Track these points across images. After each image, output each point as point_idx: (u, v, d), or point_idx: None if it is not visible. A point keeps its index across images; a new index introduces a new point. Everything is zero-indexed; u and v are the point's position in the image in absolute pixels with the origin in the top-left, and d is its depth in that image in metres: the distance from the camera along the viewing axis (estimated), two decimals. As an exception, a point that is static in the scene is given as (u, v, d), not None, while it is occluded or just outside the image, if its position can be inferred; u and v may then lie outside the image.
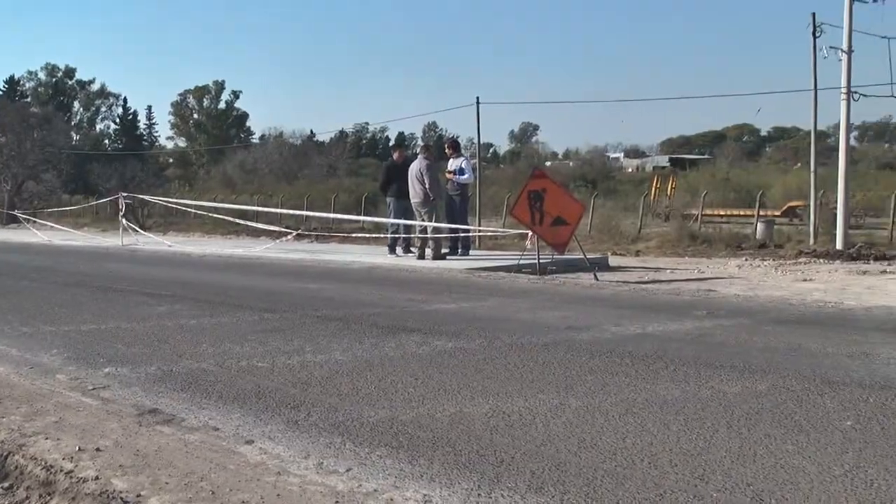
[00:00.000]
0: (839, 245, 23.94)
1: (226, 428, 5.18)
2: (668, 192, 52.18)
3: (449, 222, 18.28)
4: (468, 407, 5.59)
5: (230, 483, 4.21)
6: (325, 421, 5.30)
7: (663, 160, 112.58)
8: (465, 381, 6.35)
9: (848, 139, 26.57)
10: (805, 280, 15.46)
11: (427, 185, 17.56)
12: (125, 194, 28.75)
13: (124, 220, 27.04)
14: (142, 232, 28.74)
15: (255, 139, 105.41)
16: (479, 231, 23.24)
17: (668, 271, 16.92)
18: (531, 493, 4.00)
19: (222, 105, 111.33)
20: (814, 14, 25.98)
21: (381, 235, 22.92)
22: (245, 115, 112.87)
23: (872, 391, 6.07)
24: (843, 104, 24.82)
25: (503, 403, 5.66)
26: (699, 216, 34.03)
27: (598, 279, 14.39)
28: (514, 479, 4.19)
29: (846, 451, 4.66)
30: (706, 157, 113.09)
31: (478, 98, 36.78)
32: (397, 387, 6.20)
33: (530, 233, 15.73)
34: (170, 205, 34.79)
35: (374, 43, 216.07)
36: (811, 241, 25.87)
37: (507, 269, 15.79)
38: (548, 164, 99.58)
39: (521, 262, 15.98)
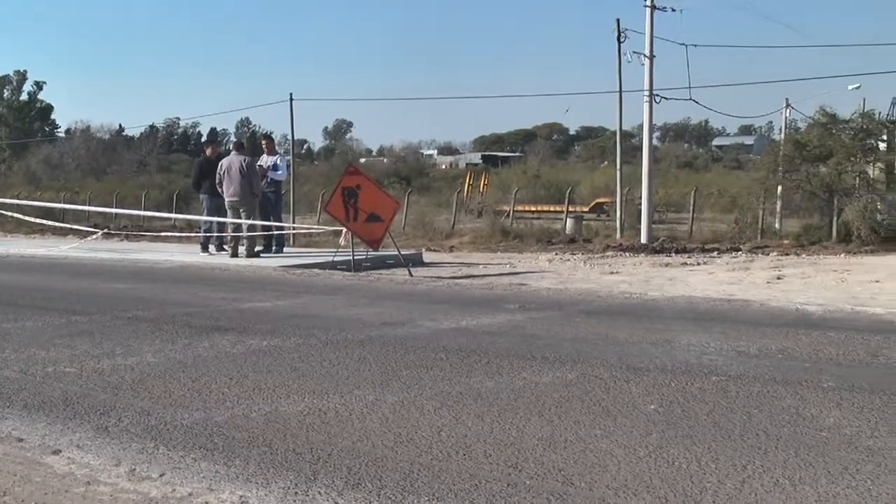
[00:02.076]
0: (644, 239, 24.94)
1: (31, 438, 4.96)
2: (481, 189, 53.07)
3: (263, 220, 18.08)
4: (284, 405, 5.55)
5: (36, 496, 4.04)
6: (136, 426, 5.15)
7: (476, 157, 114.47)
8: (281, 380, 6.30)
9: (651, 139, 27.77)
10: (612, 273, 16.01)
11: (252, 182, 17.29)
12: None
13: None
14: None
15: (61, 133, 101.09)
16: (294, 228, 23.08)
17: (482, 266, 17.21)
18: (348, 490, 4.01)
19: (24, 97, 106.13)
20: (618, 20, 26.96)
21: (194, 234, 22.45)
22: (49, 108, 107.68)
23: (674, 376, 6.36)
24: (646, 106, 25.91)
25: (319, 401, 5.65)
26: (511, 212, 34.76)
27: (412, 275, 14.52)
28: (331, 476, 4.18)
29: (650, 433, 4.87)
30: (518, 154, 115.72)
31: (291, 94, 36.63)
32: (211, 387, 6.09)
33: (345, 229, 15.70)
34: (-37, 203, 33.04)
35: (186, 37, 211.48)
36: (618, 235, 26.84)
37: (322, 266, 15.72)
38: (362, 160, 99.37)
39: (336, 258, 15.94)
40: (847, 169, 25.88)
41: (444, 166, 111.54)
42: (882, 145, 27.65)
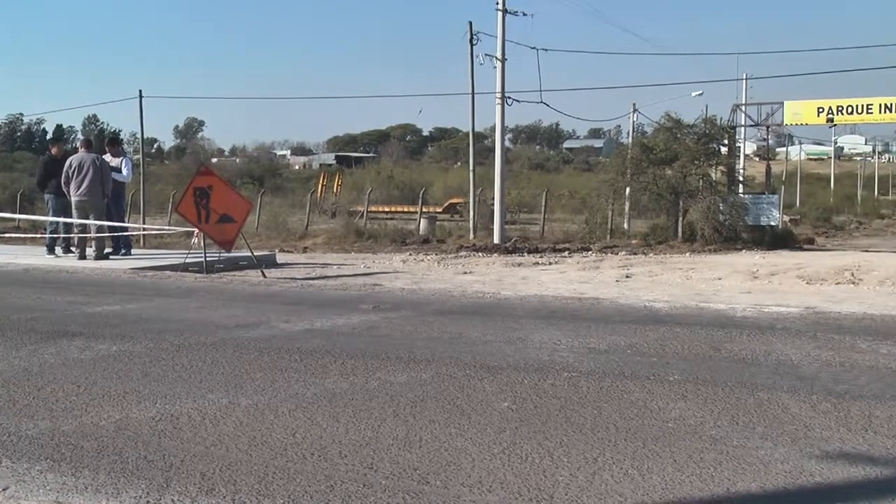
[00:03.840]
0: (497, 239, 25.29)
1: None
2: (335, 190, 52.90)
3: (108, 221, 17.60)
4: (135, 412, 5.43)
5: None
6: (-23, 436, 4.96)
7: (330, 158, 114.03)
8: (132, 386, 6.16)
9: (503, 141, 28.16)
10: (466, 273, 16.19)
11: (104, 182, 16.75)
12: None
13: None
14: None
15: None
16: (145, 229, 22.57)
17: (336, 267, 17.17)
18: (202, 496, 3.96)
19: None
20: (470, 23, 27.29)
21: (40, 235, 21.69)
22: None
23: (527, 373, 6.48)
24: (498, 108, 26.29)
25: (171, 406, 5.55)
26: (365, 213, 34.72)
27: (265, 276, 14.37)
28: (185, 483, 4.12)
29: (504, 431, 4.95)
30: (371, 155, 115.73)
31: (140, 91, 35.72)
32: (58, 395, 5.91)
33: (197, 230, 15.43)
34: None
35: (29, 32, 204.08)
36: (471, 235, 27.14)
37: (174, 267, 15.40)
38: (214, 160, 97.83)
39: (188, 260, 15.64)
40: (691, 171, 26.85)
41: (297, 167, 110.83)
42: (724, 149, 28.78)
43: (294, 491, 3.99)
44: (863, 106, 28.10)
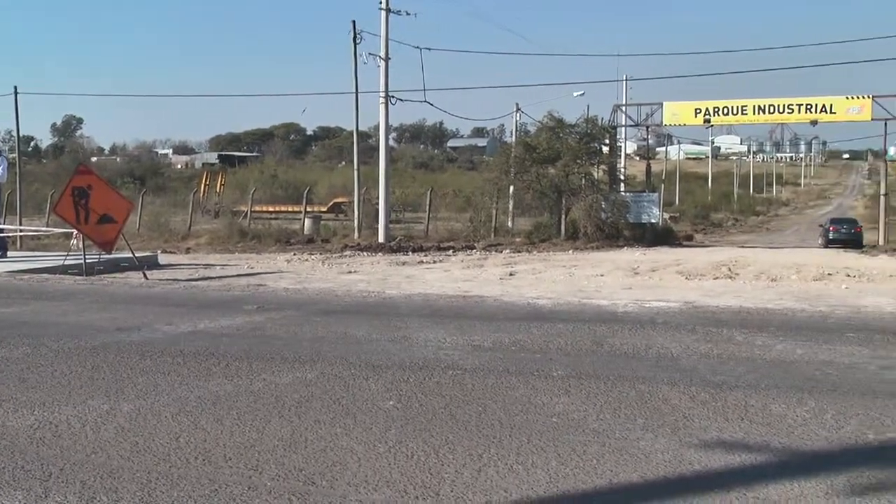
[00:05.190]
0: (381, 238, 25.30)
1: None
2: (218, 189, 52.18)
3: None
4: (11, 420, 5.27)
5: None
6: None
7: (213, 157, 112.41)
8: (8, 394, 5.97)
9: (387, 140, 28.20)
10: (350, 272, 16.16)
11: None
12: None
13: None
14: None
15: None
16: (21, 231, 21.93)
17: (219, 267, 16.95)
18: None
19: None
20: (354, 22, 27.22)
21: None
22: None
23: (412, 372, 6.51)
24: (382, 107, 26.32)
25: (50, 413, 5.40)
26: (249, 213, 34.36)
27: (147, 278, 14.12)
28: (64, 492, 4.02)
29: (389, 429, 4.97)
30: (255, 154, 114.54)
31: (16, 87, 34.65)
32: (-72, 404, 5.71)
33: (76, 232, 15.07)
34: None
35: None
36: (356, 235, 27.09)
37: (52, 270, 15.02)
38: (94, 159, 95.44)
39: (67, 262, 15.26)
40: (574, 170, 27.37)
41: (179, 166, 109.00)
42: (605, 149, 29.38)
43: (178, 497, 3.93)
44: (738, 107, 29.05)
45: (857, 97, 28.27)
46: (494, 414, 5.29)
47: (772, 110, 28.82)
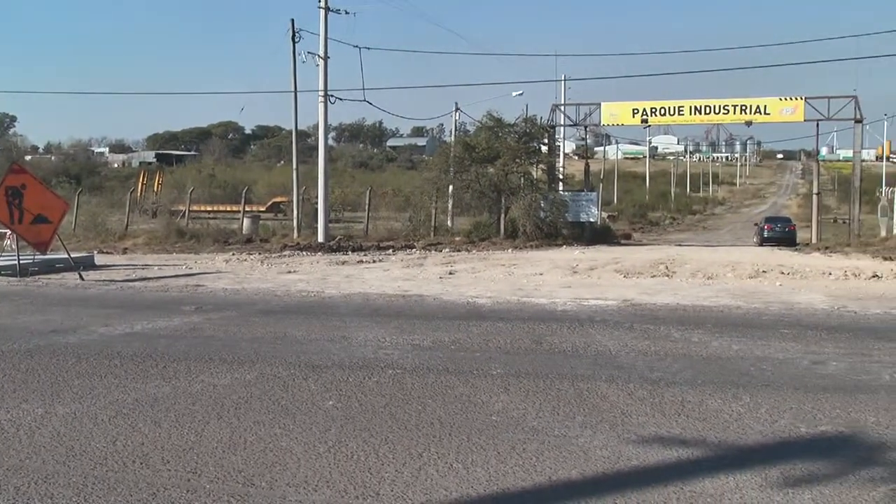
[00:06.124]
0: (321, 238, 25.17)
1: None
2: (156, 189, 51.56)
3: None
4: (-59, 424, 5.18)
5: None
6: None
7: (150, 156, 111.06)
8: (-62, 397, 5.87)
9: (326, 139, 28.06)
10: (290, 272, 16.06)
11: None
12: None
13: None
14: None
15: None
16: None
17: (157, 268, 16.76)
18: (16, 508, 3.82)
19: None
20: (293, 20, 27.00)
21: None
22: None
23: (352, 371, 6.51)
24: (321, 106, 26.16)
25: (-18, 416, 5.32)
26: (187, 212, 33.99)
27: (83, 279, 13.93)
28: (-3, 496, 3.97)
29: (329, 429, 4.96)
30: (193, 153, 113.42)
31: (-56, 86, 33.98)
32: None
33: (9, 232, 14.82)
34: None
35: None
36: (295, 234, 26.92)
37: (-17, 272, 14.75)
38: (27, 158, 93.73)
39: (0, 263, 15.01)
40: (513, 170, 27.43)
41: (116, 165, 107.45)
42: (544, 148, 29.52)
43: (114, 501, 3.89)
44: (675, 108, 29.36)
45: (790, 98, 28.70)
46: (434, 413, 5.31)
47: (708, 111, 29.16)
